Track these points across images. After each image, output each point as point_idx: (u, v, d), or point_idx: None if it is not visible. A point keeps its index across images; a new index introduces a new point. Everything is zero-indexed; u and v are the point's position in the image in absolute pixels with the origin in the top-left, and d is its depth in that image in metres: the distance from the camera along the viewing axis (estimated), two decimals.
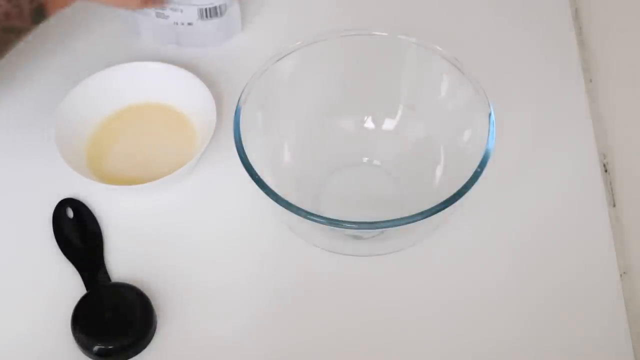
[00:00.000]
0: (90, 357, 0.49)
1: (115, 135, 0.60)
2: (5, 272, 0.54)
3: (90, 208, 0.56)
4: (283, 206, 0.45)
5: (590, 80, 0.64)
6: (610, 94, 0.61)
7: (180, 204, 0.57)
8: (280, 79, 0.53)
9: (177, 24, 0.64)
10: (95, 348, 0.48)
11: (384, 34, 0.53)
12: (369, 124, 0.58)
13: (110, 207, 0.56)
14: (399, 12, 0.69)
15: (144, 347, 0.50)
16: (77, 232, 0.55)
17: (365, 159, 0.58)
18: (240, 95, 0.50)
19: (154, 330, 0.50)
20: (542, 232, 0.55)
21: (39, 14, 0.52)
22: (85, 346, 0.49)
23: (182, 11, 0.63)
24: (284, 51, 0.53)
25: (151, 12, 0.63)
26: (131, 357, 0.49)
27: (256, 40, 0.67)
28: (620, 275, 0.52)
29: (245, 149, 0.47)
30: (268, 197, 0.46)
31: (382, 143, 0.57)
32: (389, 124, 0.57)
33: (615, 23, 0.63)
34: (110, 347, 0.49)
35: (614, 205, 0.56)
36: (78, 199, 0.57)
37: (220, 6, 0.63)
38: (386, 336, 0.50)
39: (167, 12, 0.63)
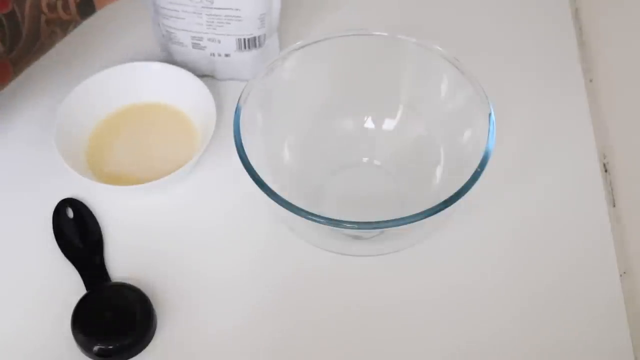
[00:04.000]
0: (90, 357, 0.49)
1: (115, 136, 0.60)
2: (5, 272, 0.54)
3: (90, 208, 0.56)
4: (283, 206, 0.45)
5: (590, 80, 0.64)
6: (610, 94, 0.61)
7: (180, 204, 0.57)
8: (281, 79, 0.53)
9: (213, 55, 0.61)
10: (95, 348, 0.48)
11: (384, 34, 0.53)
12: (369, 124, 0.58)
13: (110, 207, 0.57)
14: (399, 12, 0.69)
15: (144, 347, 0.50)
16: (77, 232, 0.55)
17: (365, 159, 0.58)
18: (240, 95, 0.50)
19: (154, 330, 0.50)
20: (542, 232, 0.55)
21: (87, 6, 0.49)
22: (85, 346, 0.49)
23: (219, 42, 0.60)
24: (284, 51, 0.53)
25: (187, 42, 0.60)
26: (131, 357, 0.49)
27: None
28: (620, 275, 0.52)
29: (245, 148, 0.47)
30: (268, 197, 0.46)
31: (382, 143, 0.57)
32: (389, 124, 0.57)
33: (615, 23, 0.63)
34: (110, 347, 0.49)
35: (614, 205, 0.56)
36: (78, 199, 0.57)
37: (259, 37, 0.60)
38: (386, 336, 0.50)
39: (203, 42, 0.60)
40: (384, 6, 0.69)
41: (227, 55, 0.61)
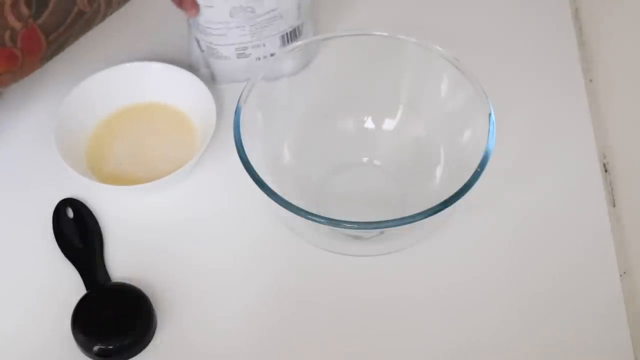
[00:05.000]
0: (90, 357, 0.49)
1: (115, 135, 0.60)
2: (5, 272, 0.54)
3: (90, 208, 0.56)
4: (283, 206, 0.45)
5: (590, 80, 0.64)
6: (610, 94, 0.61)
7: (180, 204, 0.57)
8: (281, 79, 0.53)
9: (259, 59, 0.61)
10: (95, 348, 0.49)
11: (384, 34, 0.53)
12: (369, 124, 0.58)
13: (110, 207, 0.57)
14: (399, 12, 0.69)
15: (144, 347, 0.50)
16: (77, 232, 0.55)
17: (365, 159, 0.58)
18: (240, 95, 0.50)
19: (154, 330, 0.50)
20: (542, 232, 0.55)
21: None
22: (85, 346, 0.49)
23: (264, 45, 0.59)
24: (284, 51, 0.53)
25: (232, 55, 0.60)
26: (131, 357, 0.49)
27: None
28: (620, 275, 0.52)
29: (245, 149, 0.47)
30: (268, 197, 0.46)
31: (382, 143, 0.57)
32: (389, 124, 0.57)
33: (615, 23, 0.63)
34: (110, 347, 0.49)
35: (614, 205, 0.56)
36: (78, 199, 0.57)
37: (298, 26, 0.60)
38: (386, 336, 0.50)
39: (248, 50, 0.59)
40: (387, 6, 0.70)
41: (272, 55, 0.61)
